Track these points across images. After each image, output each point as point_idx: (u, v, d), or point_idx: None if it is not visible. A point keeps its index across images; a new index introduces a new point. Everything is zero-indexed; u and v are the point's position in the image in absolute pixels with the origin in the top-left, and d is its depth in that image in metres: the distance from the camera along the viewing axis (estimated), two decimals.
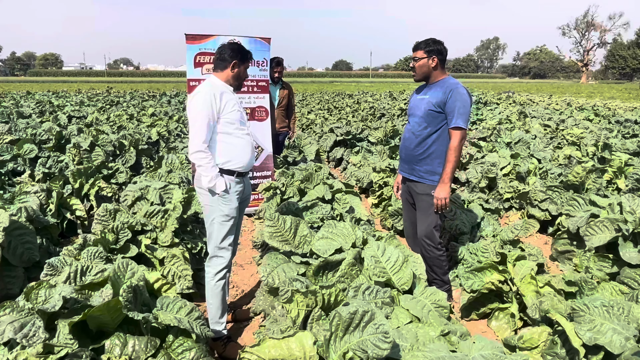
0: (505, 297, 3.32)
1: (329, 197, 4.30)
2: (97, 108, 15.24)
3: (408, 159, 3.39)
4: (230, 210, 2.94)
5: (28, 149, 6.52)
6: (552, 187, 5.23)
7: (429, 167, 3.28)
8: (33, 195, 4.59)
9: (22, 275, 3.72)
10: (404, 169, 3.47)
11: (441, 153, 3.24)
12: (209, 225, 2.99)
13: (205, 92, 2.88)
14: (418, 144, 3.29)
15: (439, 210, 3.23)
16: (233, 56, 2.98)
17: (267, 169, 5.72)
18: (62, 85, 42.43)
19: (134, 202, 4.91)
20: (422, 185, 3.32)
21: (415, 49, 3.28)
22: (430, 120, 3.22)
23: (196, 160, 2.85)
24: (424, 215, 3.32)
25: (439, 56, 3.23)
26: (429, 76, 3.29)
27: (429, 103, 3.22)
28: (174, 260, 3.53)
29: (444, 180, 3.20)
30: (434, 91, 3.23)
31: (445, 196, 3.18)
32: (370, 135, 8.67)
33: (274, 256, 2.95)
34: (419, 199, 3.35)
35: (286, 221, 3.10)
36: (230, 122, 2.92)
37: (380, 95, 27.81)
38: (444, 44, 3.26)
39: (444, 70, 3.31)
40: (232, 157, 2.95)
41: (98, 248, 3.32)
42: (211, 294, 2.99)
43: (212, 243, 2.98)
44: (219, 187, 2.85)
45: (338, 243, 2.99)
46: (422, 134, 3.26)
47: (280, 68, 6.15)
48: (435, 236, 3.32)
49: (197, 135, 2.82)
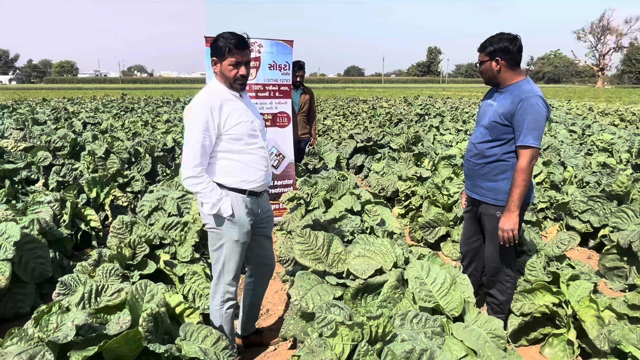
0: (559, 321, 3.00)
1: (357, 208, 4.02)
2: (111, 114, 15.15)
3: (469, 173, 3.02)
4: (241, 235, 2.59)
5: (42, 157, 6.35)
6: (593, 197, 4.89)
7: (491, 184, 2.87)
8: (46, 205, 4.37)
9: (34, 292, 3.50)
10: (467, 185, 3.10)
11: (507, 170, 2.82)
12: (215, 251, 2.63)
13: (200, 104, 2.42)
14: (479, 157, 2.90)
15: (505, 244, 2.81)
16: (213, 51, 2.48)
17: (288, 178, 5.46)
18: (77, 92, 42.81)
19: (151, 213, 4.68)
20: (485, 205, 2.94)
21: (479, 50, 2.85)
22: (495, 132, 2.80)
23: (190, 187, 2.45)
24: (492, 238, 2.95)
25: (505, 56, 2.75)
26: (497, 80, 2.85)
27: (495, 112, 2.79)
28: (195, 278, 3.27)
29: (510, 208, 2.72)
30: (503, 98, 2.79)
31: (511, 227, 2.72)
32: (391, 141, 8.38)
33: (306, 276, 2.67)
34: (485, 219, 2.98)
35: (318, 237, 2.82)
36: (236, 137, 2.49)
37: (395, 101, 27.51)
38: (516, 39, 2.75)
39: (516, 72, 2.80)
40: (242, 175, 2.55)
41: (114, 265, 3.07)
42: (219, 322, 2.69)
43: (217, 270, 2.64)
44: (224, 212, 2.48)
45: (377, 262, 2.71)
46: (484, 146, 2.87)
47: (302, 72, 5.91)
48: (506, 262, 2.97)
49: (189, 158, 2.41)
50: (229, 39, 2.45)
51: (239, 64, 2.48)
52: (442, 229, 4.65)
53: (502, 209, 2.83)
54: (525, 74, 2.83)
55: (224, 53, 2.45)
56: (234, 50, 2.45)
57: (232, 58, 2.45)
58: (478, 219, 3.08)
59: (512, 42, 2.75)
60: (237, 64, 2.47)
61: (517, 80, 2.80)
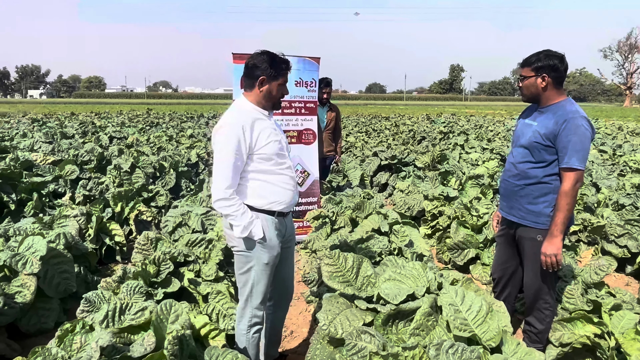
0: (601, 353, 2.82)
1: (385, 228, 3.92)
2: (137, 129, 15.40)
3: (507, 194, 2.90)
4: (270, 258, 2.53)
5: (70, 170, 6.44)
6: (630, 220, 4.70)
7: (532, 206, 2.76)
8: (72, 219, 4.39)
9: (57, 307, 3.49)
10: (503, 207, 2.97)
11: (548, 193, 2.71)
12: (242, 274, 2.55)
13: (231, 124, 2.38)
14: (519, 178, 2.79)
15: (548, 269, 2.70)
16: (262, 70, 2.43)
17: (313, 195, 5.40)
18: (104, 107, 43.82)
19: (175, 229, 4.68)
20: (524, 228, 2.82)
21: (523, 65, 2.76)
22: (536, 153, 2.69)
23: (221, 210, 2.39)
24: (532, 263, 2.83)
25: (552, 74, 2.66)
26: (539, 98, 2.76)
27: (535, 132, 2.69)
28: (219, 297, 3.20)
29: (553, 232, 2.63)
30: (545, 118, 2.69)
31: (554, 252, 2.63)
32: (416, 159, 8.27)
33: (334, 300, 2.58)
34: (524, 243, 2.85)
35: (347, 259, 2.73)
36: (267, 157, 2.45)
37: (417, 118, 27.37)
38: (564, 58, 2.67)
39: (560, 91, 2.71)
40: (271, 197, 2.50)
41: (138, 282, 3.03)
42: (245, 346, 2.60)
43: (245, 294, 2.57)
44: (256, 235, 2.43)
45: (408, 286, 2.61)
46: (525, 167, 2.76)
47: (329, 89, 5.88)
48: (545, 289, 2.84)
49: (220, 179, 2.36)
50: (282, 61, 2.48)
51: (284, 85, 2.53)
52: (471, 251, 4.51)
53: (543, 232, 2.71)
54: (567, 94, 2.74)
55: (277, 74, 2.47)
56: (285, 72, 2.49)
57: (282, 79, 2.49)
58: (514, 242, 2.95)
59: (561, 60, 2.68)
60: (284, 84, 2.52)
61: (560, 100, 2.70)
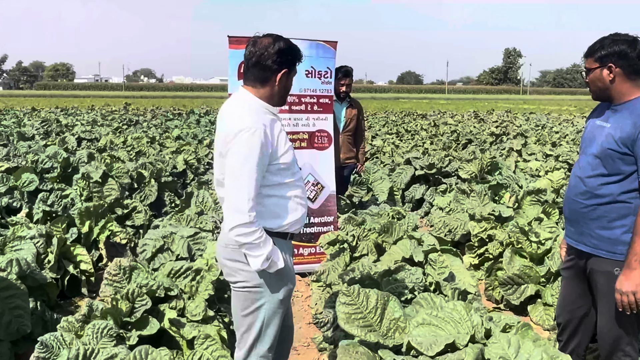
0: None
1: (419, 258, 3.90)
2: (112, 129, 15.65)
3: (573, 217, 2.85)
4: (286, 292, 2.56)
5: (27, 180, 6.55)
6: None
7: (606, 232, 2.69)
8: (29, 242, 4.45)
9: (8, 352, 3.54)
10: (569, 233, 2.92)
11: (627, 215, 2.63)
12: (247, 315, 2.54)
13: (252, 127, 2.31)
14: (588, 196, 2.73)
15: (626, 311, 2.62)
16: (283, 62, 2.42)
17: (328, 214, 5.40)
18: (72, 101, 44.71)
19: (155, 255, 4.72)
20: (597, 259, 2.76)
21: (586, 55, 2.73)
22: (610, 163, 2.63)
23: (241, 239, 2.33)
24: (607, 303, 2.76)
25: (622, 62, 2.61)
26: (610, 94, 2.71)
27: (609, 136, 2.64)
28: (208, 343, 3.20)
29: (631, 264, 2.54)
30: (619, 118, 2.64)
31: (632, 289, 2.53)
32: (460, 168, 8.23)
33: (352, 349, 2.56)
34: (597, 278, 2.79)
35: (370, 298, 2.73)
36: (286, 167, 2.46)
37: (462, 116, 27.32)
38: (636, 42, 2.60)
39: (636, 84, 2.65)
40: (286, 216, 2.51)
41: (107, 322, 3.06)
42: None
43: (250, 339, 2.56)
44: (278, 265, 2.43)
45: (447, 333, 2.58)
46: (596, 182, 2.70)
47: (348, 80, 5.91)
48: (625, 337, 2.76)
49: (242, 199, 2.30)
50: (297, 47, 2.52)
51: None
52: (530, 288, 4.47)
53: (620, 264, 2.65)
54: None
55: (294, 64, 2.52)
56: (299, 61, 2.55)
57: (294, 70, 2.54)
58: (585, 277, 2.90)
59: (630, 45, 2.61)
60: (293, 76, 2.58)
61: (638, 95, 2.65)
